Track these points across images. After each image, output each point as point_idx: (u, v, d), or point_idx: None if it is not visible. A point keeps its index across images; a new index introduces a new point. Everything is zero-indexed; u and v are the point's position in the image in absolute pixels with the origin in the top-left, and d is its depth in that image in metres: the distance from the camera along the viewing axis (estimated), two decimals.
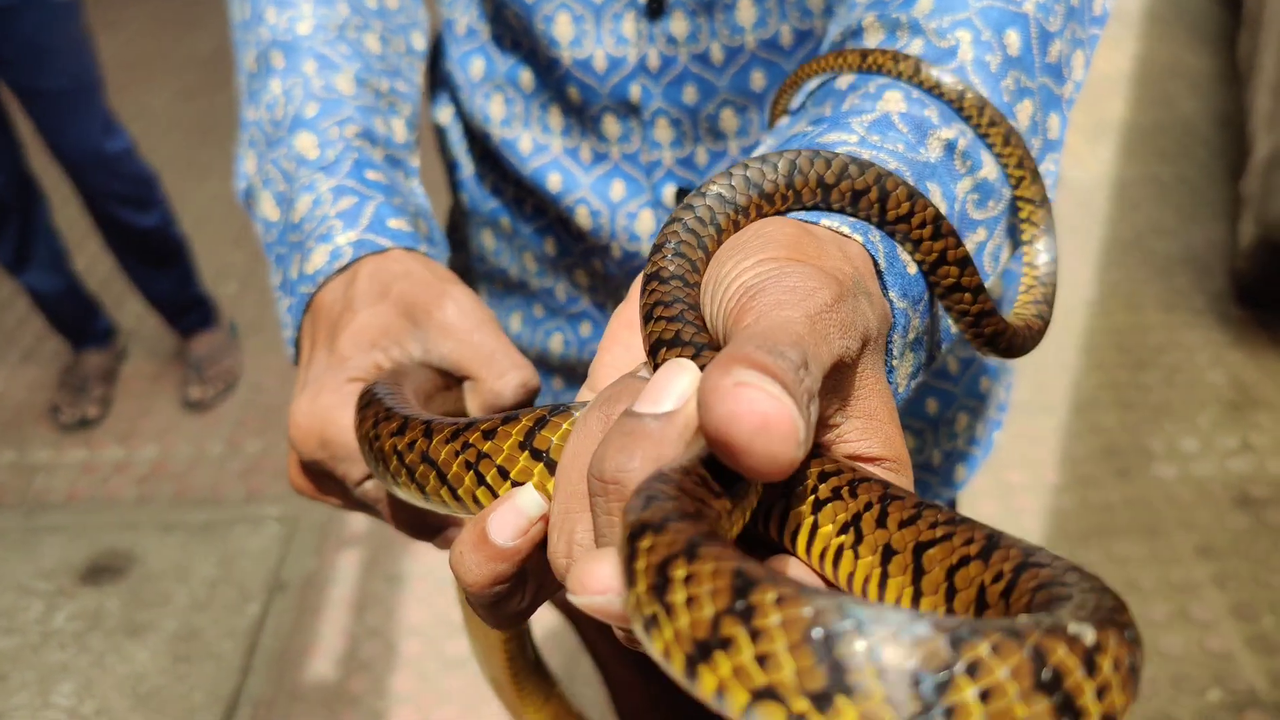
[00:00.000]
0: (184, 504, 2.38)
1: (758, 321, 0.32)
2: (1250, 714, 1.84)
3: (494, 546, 0.36)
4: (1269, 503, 2.24)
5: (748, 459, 0.28)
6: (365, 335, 0.51)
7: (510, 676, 0.76)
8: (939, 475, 0.86)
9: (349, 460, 0.49)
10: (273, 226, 0.61)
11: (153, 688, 2.00)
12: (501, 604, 0.38)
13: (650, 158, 0.74)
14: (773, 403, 0.28)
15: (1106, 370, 2.63)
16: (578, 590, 0.30)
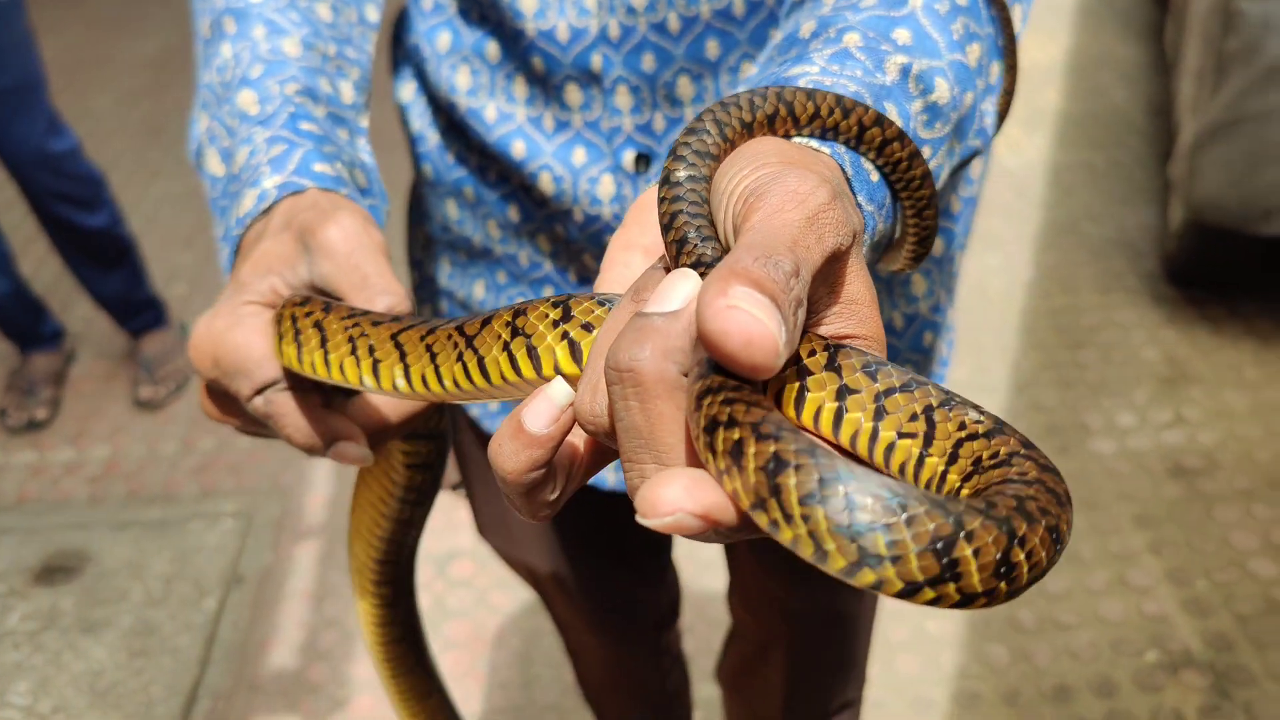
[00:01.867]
0: (137, 502, 2.38)
1: (761, 224, 0.36)
2: (1186, 674, 1.91)
3: (529, 435, 0.39)
4: (1202, 473, 2.32)
5: (736, 365, 0.32)
6: (263, 262, 0.54)
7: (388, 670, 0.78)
8: None
9: (239, 376, 0.51)
10: (217, 181, 0.64)
11: (110, 683, 2.00)
12: (534, 492, 0.41)
13: (611, 124, 0.77)
14: (758, 325, 0.32)
15: (1045, 350, 2.70)
16: (649, 513, 0.33)
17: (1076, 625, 2.01)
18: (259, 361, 0.49)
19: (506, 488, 0.41)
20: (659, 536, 1.20)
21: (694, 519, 0.33)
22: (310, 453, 0.51)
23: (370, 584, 0.63)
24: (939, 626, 2.02)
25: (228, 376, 0.50)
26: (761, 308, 0.32)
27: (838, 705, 1.13)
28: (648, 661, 1.30)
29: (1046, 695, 1.89)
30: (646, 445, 0.35)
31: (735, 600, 1.12)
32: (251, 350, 0.49)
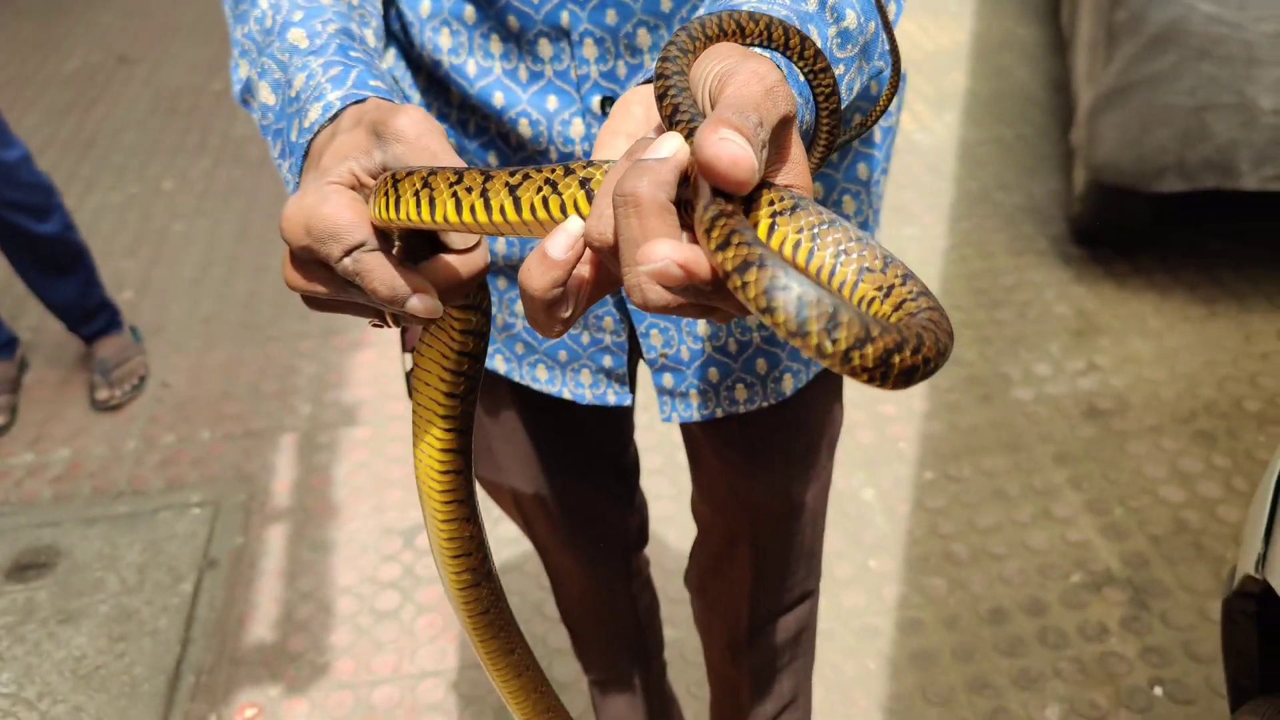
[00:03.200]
0: (104, 499, 2.44)
1: (733, 93, 0.48)
2: (1107, 591, 2.08)
3: (551, 259, 0.50)
4: (1114, 413, 2.50)
5: (724, 179, 0.45)
6: (341, 151, 0.63)
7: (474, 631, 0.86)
8: None
9: (331, 240, 0.59)
10: (270, 110, 0.75)
11: (93, 667, 2.07)
12: (554, 308, 0.52)
13: (579, 73, 0.89)
14: (741, 150, 0.45)
15: (965, 310, 2.87)
16: (644, 260, 0.45)
17: (1007, 555, 2.17)
18: (349, 226, 0.59)
19: (532, 305, 0.52)
20: (627, 463, 1.32)
21: (676, 267, 0.45)
22: (391, 305, 0.59)
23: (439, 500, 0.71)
24: (880, 564, 2.16)
25: (319, 242, 0.59)
26: (740, 141, 0.45)
27: (798, 595, 1.26)
28: (620, 582, 1.41)
29: (983, 618, 2.04)
30: (638, 255, 0.47)
31: (700, 502, 1.24)
32: (341, 218, 0.59)
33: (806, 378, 1.05)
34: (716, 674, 1.39)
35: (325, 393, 2.72)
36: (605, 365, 1.02)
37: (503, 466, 1.22)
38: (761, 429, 1.09)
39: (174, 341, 2.94)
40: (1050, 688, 1.91)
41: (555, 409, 1.15)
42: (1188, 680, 1.90)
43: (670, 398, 1.03)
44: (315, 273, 0.61)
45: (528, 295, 0.51)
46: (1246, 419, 2.45)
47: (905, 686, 1.93)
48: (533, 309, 0.52)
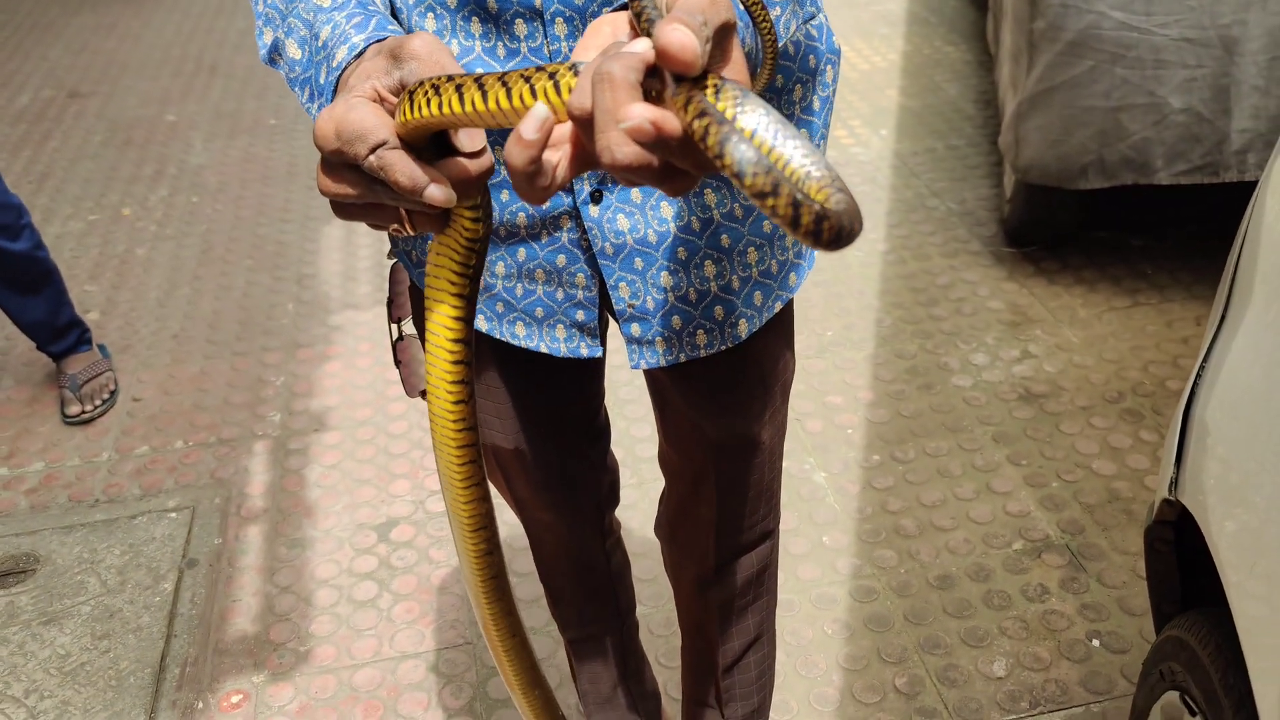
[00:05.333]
0: (81, 507, 2.50)
1: (683, 2, 0.60)
2: (1047, 556, 2.22)
3: (525, 140, 0.62)
4: (1048, 396, 2.65)
5: (676, 61, 0.56)
6: (362, 72, 0.73)
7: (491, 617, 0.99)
8: (777, 281, 1.16)
9: (357, 140, 0.68)
10: (297, 63, 0.86)
11: (78, 664, 2.13)
12: (534, 179, 0.63)
13: (551, 49, 1.01)
14: (688, 37, 0.56)
15: (905, 308, 3.02)
16: (623, 119, 0.56)
17: (952, 527, 2.30)
18: (373, 127, 0.69)
19: (516, 178, 0.63)
20: (599, 425, 1.43)
21: (649, 124, 0.56)
22: (412, 194, 0.68)
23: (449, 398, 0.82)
24: (833, 539, 2.29)
25: (348, 143, 0.68)
26: (686, 32, 0.56)
27: (759, 533, 1.37)
28: (593, 538, 1.52)
29: (932, 584, 2.17)
30: (612, 117, 0.58)
31: (667, 446, 1.35)
32: (366, 120, 0.69)
33: (759, 323, 1.17)
34: (687, 615, 1.49)
35: (294, 402, 2.80)
36: (578, 320, 1.14)
37: (483, 422, 1.33)
38: (721, 371, 1.21)
39: (142, 359, 3.01)
40: (997, 644, 2.04)
41: (533, 367, 1.26)
42: (1122, 632, 2.04)
43: (638, 346, 1.14)
44: (344, 175, 0.71)
45: (511, 169, 0.62)
46: (1169, 397, 2.61)
47: (861, 649, 2.05)
48: (517, 181, 0.63)
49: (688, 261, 1.09)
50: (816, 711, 1.94)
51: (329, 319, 3.14)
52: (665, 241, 1.07)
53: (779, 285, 1.16)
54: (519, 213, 1.08)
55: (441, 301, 0.77)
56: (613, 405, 2.68)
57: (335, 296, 3.25)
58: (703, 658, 1.50)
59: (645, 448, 2.56)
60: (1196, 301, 2.94)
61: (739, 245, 1.10)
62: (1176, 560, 1.46)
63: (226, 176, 4.04)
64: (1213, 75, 2.59)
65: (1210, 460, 1.26)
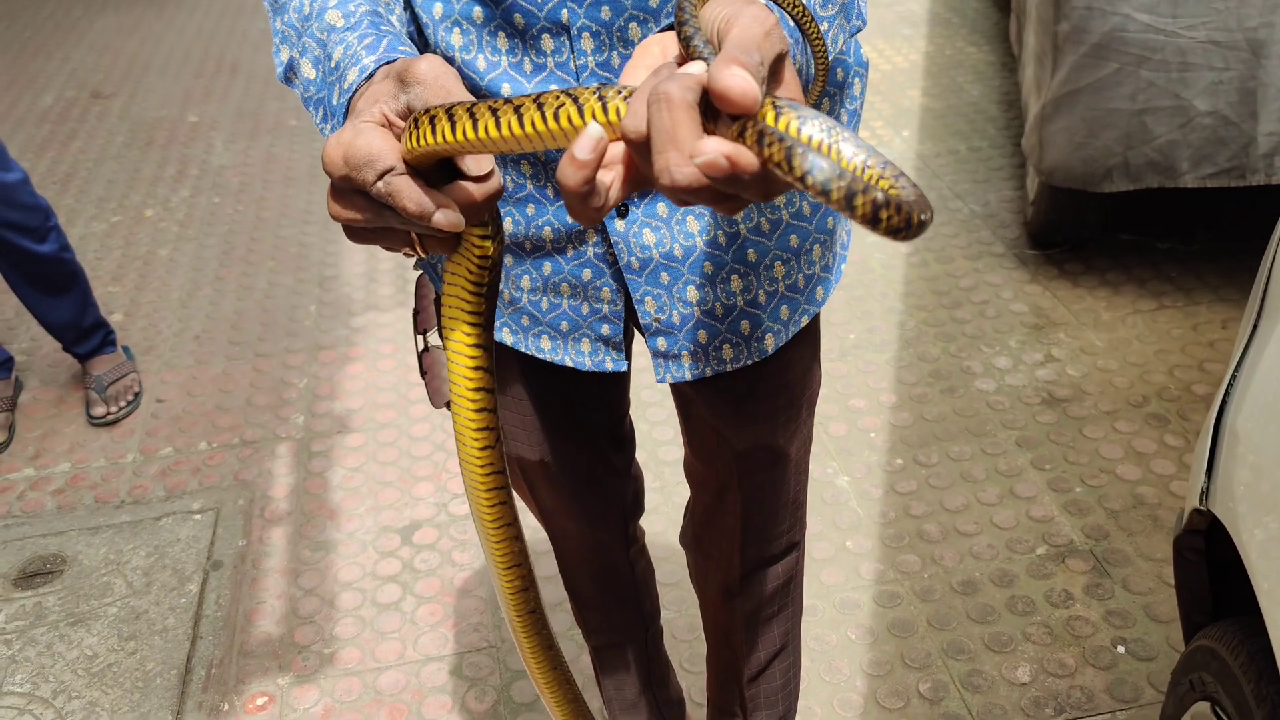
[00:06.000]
0: (106, 508, 2.52)
1: (738, 35, 0.60)
2: (1071, 561, 2.21)
3: (578, 160, 0.61)
4: (1071, 400, 2.64)
5: (734, 107, 0.56)
6: (371, 96, 0.73)
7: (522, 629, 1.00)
8: (804, 295, 1.15)
9: (365, 167, 0.68)
10: (311, 83, 0.86)
11: (105, 665, 2.14)
12: (588, 199, 0.63)
13: (578, 63, 1.01)
14: (748, 83, 0.56)
15: (928, 310, 3.01)
16: (696, 153, 0.56)
17: (976, 532, 2.29)
18: (380, 153, 0.68)
19: (570, 199, 0.63)
20: (623, 434, 1.43)
21: (724, 159, 0.56)
22: (420, 220, 0.68)
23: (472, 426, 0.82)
24: (856, 544, 2.28)
25: (355, 170, 0.68)
26: (746, 76, 0.56)
27: (785, 545, 1.37)
28: (618, 546, 1.52)
29: (956, 590, 2.17)
30: (670, 139, 0.58)
31: (692, 457, 1.35)
32: (373, 147, 0.69)
33: (786, 337, 1.17)
34: (712, 624, 1.49)
35: (317, 404, 2.81)
36: (603, 334, 1.14)
37: (509, 434, 1.33)
38: (747, 385, 1.21)
39: (166, 360, 3.02)
40: (1021, 650, 2.03)
41: (558, 380, 1.26)
42: (1149, 639, 2.03)
43: (664, 360, 1.14)
44: (353, 201, 0.71)
45: (565, 190, 0.62)
46: (1196, 402, 2.59)
47: (885, 654, 2.05)
48: (570, 201, 0.63)
49: (714, 276, 1.09)
50: (840, 716, 1.93)
51: (351, 321, 3.15)
52: (691, 256, 1.07)
53: (806, 299, 1.16)
54: (544, 227, 1.08)
55: (458, 320, 0.77)
56: (636, 408, 2.68)
57: (358, 298, 3.26)
58: (728, 667, 1.50)
59: (669, 450, 2.56)
60: (1223, 305, 2.92)
61: (765, 259, 1.10)
62: (1207, 569, 1.45)
63: (248, 177, 4.05)
64: (1239, 78, 2.57)
65: (1242, 469, 1.25)
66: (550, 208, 1.07)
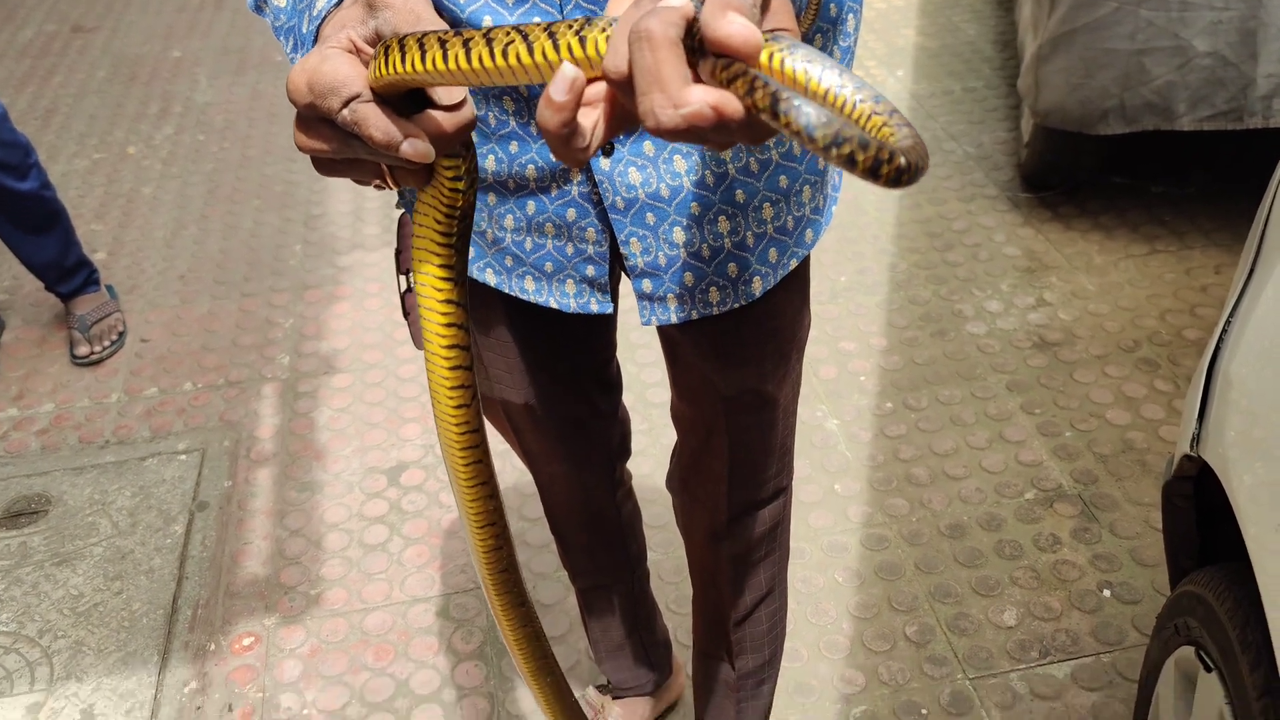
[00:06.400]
0: (91, 448, 2.50)
1: None
2: (1059, 505, 2.21)
3: (555, 102, 0.59)
4: (1062, 344, 2.63)
5: (739, 52, 0.53)
6: (338, 21, 0.70)
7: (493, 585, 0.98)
8: (793, 237, 1.13)
9: (330, 94, 0.65)
10: (282, 11, 0.82)
11: (91, 604, 2.13)
12: (570, 140, 0.60)
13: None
14: (747, 29, 0.53)
15: (919, 253, 2.98)
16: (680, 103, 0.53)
17: (964, 476, 2.29)
18: (345, 79, 0.65)
19: (550, 139, 0.60)
20: (610, 377, 1.41)
21: (709, 109, 0.54)
22: (387, 150, 0.65)
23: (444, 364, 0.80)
24: (845, 487, 2.28)
25: (320, 97, 0.65)
26: (743, 22, 0.53)
27: (772, 490, 1.36)
28: (604, 489, 1.51)
29: (943, 533, 2.16)
30: (654, 80, 0.55)
31: (679, 400, 1.33)
32: (338, 73, 0.65)
33: (774, 280, 1.14)
34: (698, 568, 1.49)
35: (303, 344, 2.79)
36: (588, 275, 1.11)
37: (494, 378, 1.31)
38: (734, 329, 1.19)
39: (150, 299, 2.99)
40: (1008, 594, 2.04)
41: (543, 322, 1.24)
42: (1134, 583, 2.04)
43: (650, 302, 1.12)
44: (319, 130, 0.67)
45: (545, 132, 0.59)
46: (1187, 346, 2.58)
47: (872, 597, 2.05)
48: (552, 144, 0.60)
49: (701, 217, 1.06)
50: (826, 659, 1.94)
51: (337, 260, 3.12)
52: (678, 196, 1.04)
53: (795, 242, 1.13)
54: (528, 165, 1.05)
55: (426, 261, 0.74)
56: (624, 350, 2.66)
57: (344, 237, 3.23)
58: (714, 610, 1.50)
59: (657, 393, 2.54)
60: (1217, 249, 2.90)
61: (754, 201, 1.07)
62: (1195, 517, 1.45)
63: (233, 115, 3.99)
64: (1239, 18, 2.53)
65: (1234, 415, 1.24)
66: (533, 145, 1.04)
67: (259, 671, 1.99)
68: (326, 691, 1.94)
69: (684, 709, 1.87)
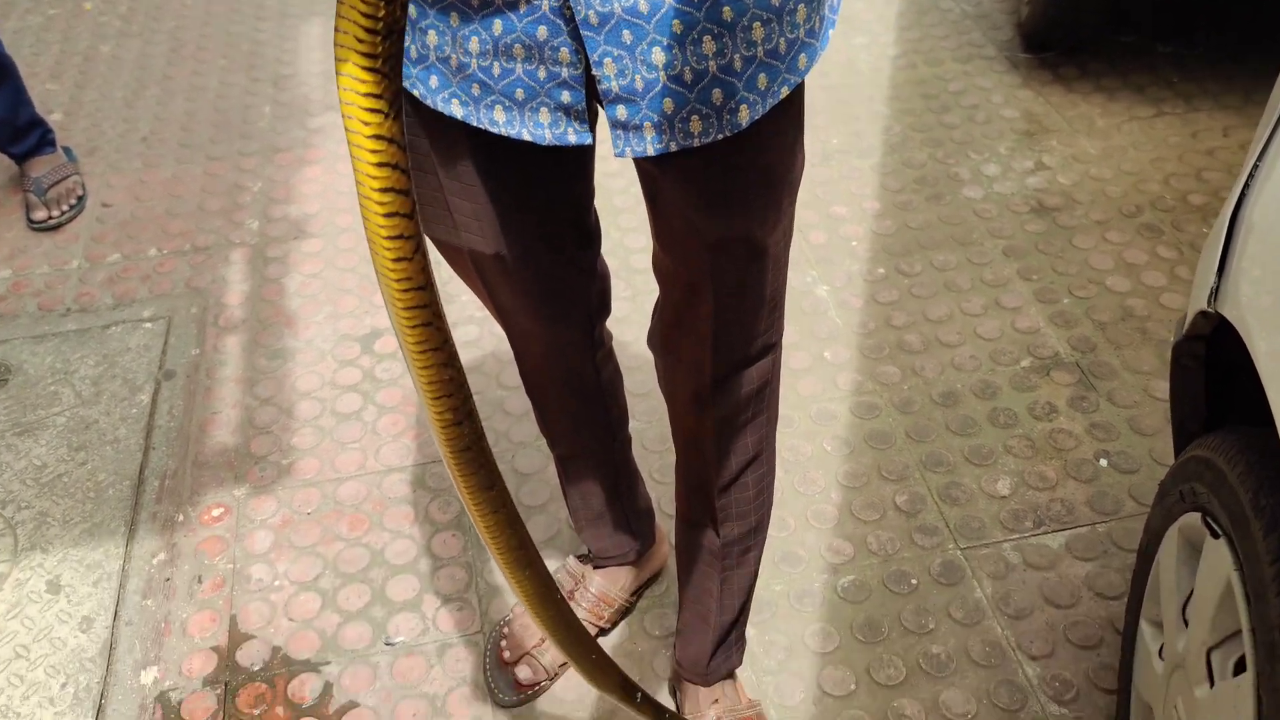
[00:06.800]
0: (51, 316, 2.40)
1: None
2: (1056, 373, 2.14)
3: None
4: (1061, 209, 2.53)
5: None
6: None
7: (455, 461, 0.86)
8: (785, 62, 1.02)
9: None
10: None
11: (55, 475, 2.06)
12: None
13: None
14: None
15: (915, 115, 2.86)
16: None
17: (959, 343, 2.21)
18: None
19: None
20: (588, 227, 1.31)
21: None
22: None
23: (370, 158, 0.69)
24: (835, 354, 2.20)
25: None
26: None
27: (760, 347, 1.27)
28: (583, 349, 1.42)
29: (936, 401, 2.10)
30: None
31: (661, 251, 1.23)
32: None
33: (763, 109, 1.03)
34: (682, 431, 1.41)
35: (272, 208, 2.67)
36: (563, 101, 1.00)
37: (461, 225, 1.21)
38: (719, 163, 1.08)
39: (110, 162, 2.86)
40: (1002, 463, 1.98)
41: (515, 160, 1.14)
42: (1132, 452, 1.98)
43: (624, 131, 1.01)
44: None
45: None
46: (1191, 212, 2.49)
47: (862, 465, 1.99)
48: None
49: (684, 36, 0.95)
50: (814, 528, 1.89)
51: (309, 122, 2.98)
52: (658, 12, 0.93)
53: (787, 67, 1.02)
54: None
55: (350, 89, 0.63)
56: (606, 214, 2.55)
57: (315, 99, 3.08)
58: (698, 476, 1.42)
59: (640, 259, 2.44)
60: (1224, 112, 2.78)
61: (743, 20, 0.96)
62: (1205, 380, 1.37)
63: None
64: None
65: (1256, 267, 1.15)
66: None
67: (229, 543, 1.93)
68: (299, 563, 1.89)
69: (667, 578, 1.82)
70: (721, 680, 1.59)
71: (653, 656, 1.72)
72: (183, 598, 1.84)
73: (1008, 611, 1.74)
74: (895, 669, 1.68)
